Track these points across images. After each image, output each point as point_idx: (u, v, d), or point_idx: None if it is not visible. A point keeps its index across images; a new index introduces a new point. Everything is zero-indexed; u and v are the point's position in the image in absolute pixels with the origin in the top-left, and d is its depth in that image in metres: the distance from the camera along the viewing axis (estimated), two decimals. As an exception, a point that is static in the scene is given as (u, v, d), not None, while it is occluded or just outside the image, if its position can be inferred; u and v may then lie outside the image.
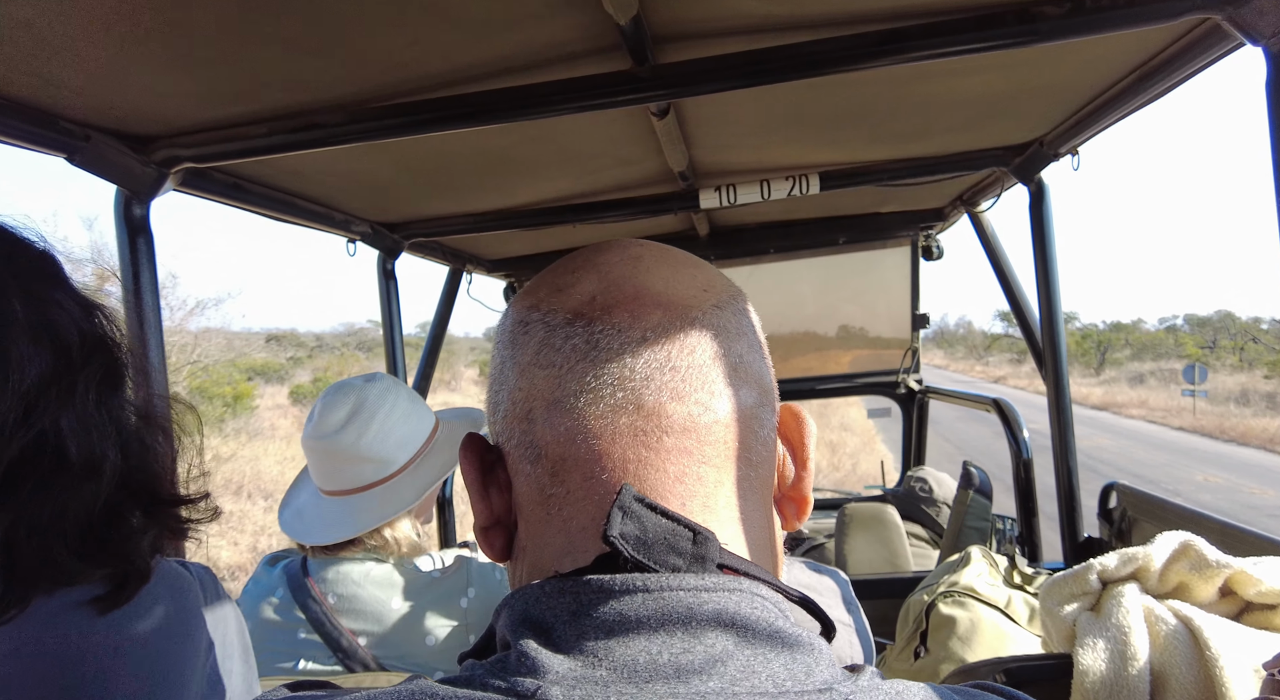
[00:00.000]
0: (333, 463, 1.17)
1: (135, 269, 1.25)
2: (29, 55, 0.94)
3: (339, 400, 1.18)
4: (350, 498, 1.18)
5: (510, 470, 0.42)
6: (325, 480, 1.19)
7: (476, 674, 0.35)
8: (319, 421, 1.17)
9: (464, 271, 2.60)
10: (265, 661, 1.13)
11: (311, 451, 1.19)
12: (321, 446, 1.16)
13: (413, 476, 1.24)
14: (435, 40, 1.02)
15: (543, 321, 0.41)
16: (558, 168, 1.73)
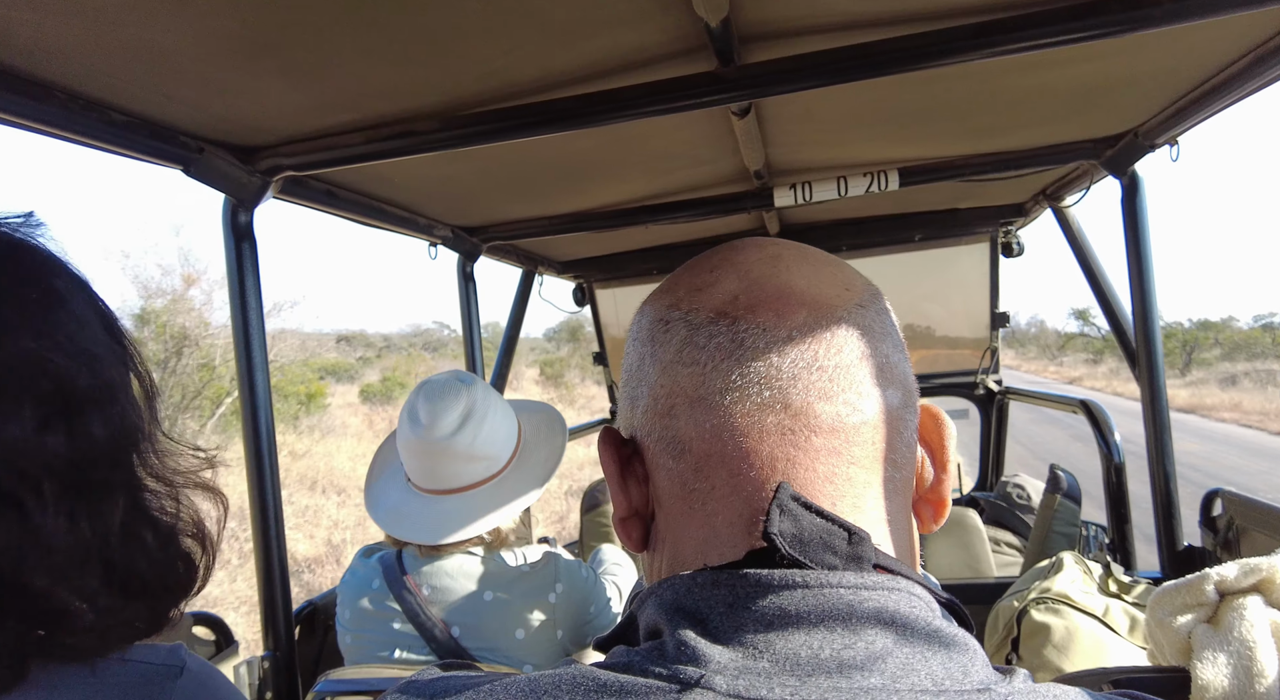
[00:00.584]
0: (444, 463, 1.19)
1: (240, 272, 1.32)
2: (156, 74, 1.00)
3: (449, 403, 1.20)
4: (463, 495, 1.21)
5: (649, 464, 0.44)
6: (430, 480, 1.20)
7: (634, 660, 0.36)
8: (432, 424, 1.18)
9: (536, 273, 2.65)
10: (364, 650, 1.18)
11: (420, 453, 1.20)
12: (437, 448, 1.18)
13: (518, 471, 1.28)
14: (527, 47, 1.04)
15: (684, 320, 0.42)
16: (633, 169, 1.75)
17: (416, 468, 1.21)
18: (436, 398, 1.19)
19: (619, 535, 0.46)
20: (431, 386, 1.22)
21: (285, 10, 0.88)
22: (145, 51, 0.94)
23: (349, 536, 7.41)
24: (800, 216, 2.50)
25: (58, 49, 0.90)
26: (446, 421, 1.17)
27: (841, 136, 1.64)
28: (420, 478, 1.21)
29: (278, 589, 1.33)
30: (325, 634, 1.57)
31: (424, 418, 1.18)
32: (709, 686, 0.33)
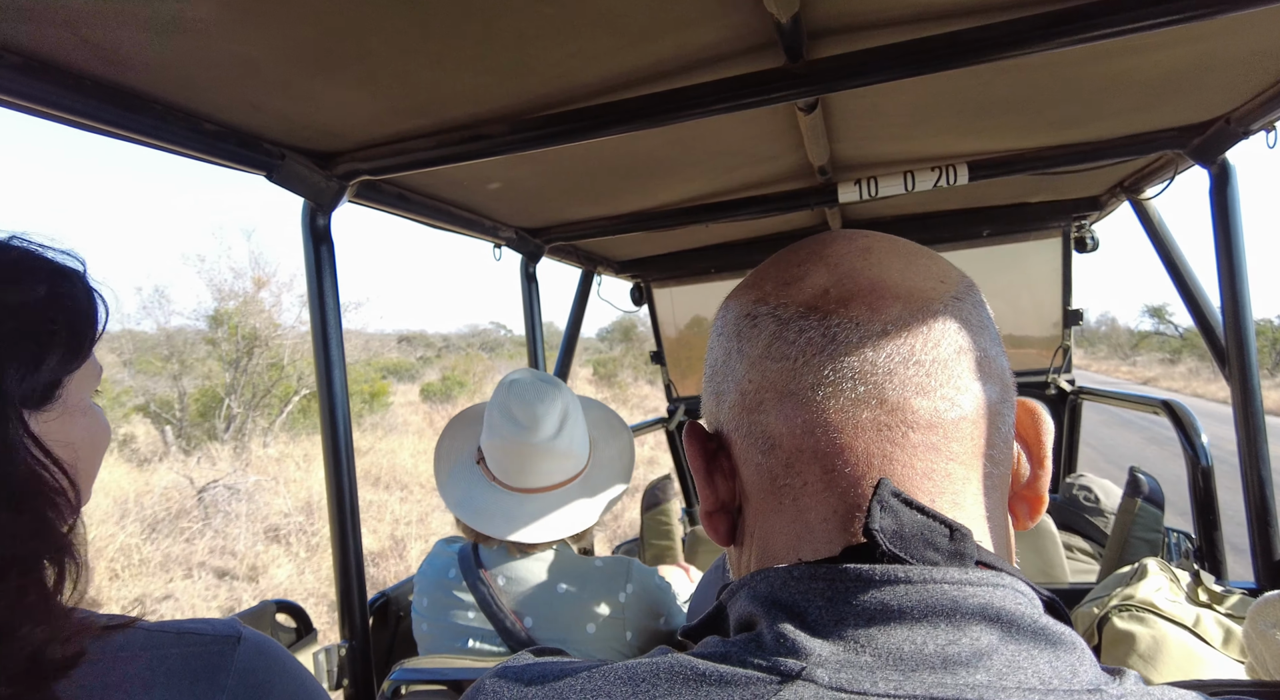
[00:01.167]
0: (540, 462, 1.21)
1: (319, 274, 1.37)
2: (245, 85, 1.05)
3: (548, 405, 1.21)
4: (555, 493, 1.23)
5: (736, 459, 0.44)
6: (522, 478, 1.21)
7: (731, 651, 0.36)
8: (535, 426, 1.20)
9: (595, 273, 2.67)
10: (439, 638, 1.21)
11: (516, 453, 1.21)
12: (541, 449, 1.19)
13: (597, 467, 1.30)
14: (595, 49, 1.06)
15: (773, 315, 0.42)
16: (695, 168, 1.75)
17: (510, 467, 1.21)
18: (535, 399, 1.21)
19: (705, 529, 0.46)
20: (522, 388, 1.23)
21: (365, 20, 0.92)
22: (236, 64, 0.99)
23: (411, 531, 7.61)
24: (863, 213, 2.46)
25: (158, 64, 0.96)
26: (550, 423, 1.20)
27: (909, 130, 1.61)
28: (510, 476, 1.22)
29: (354, 580, 1.37)
30: (397, 624, 1.62)
31: (525, 419, 1.20)
32: (810, 679, 0.33)
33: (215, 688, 0.53)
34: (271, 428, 12.19)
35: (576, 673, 0.40)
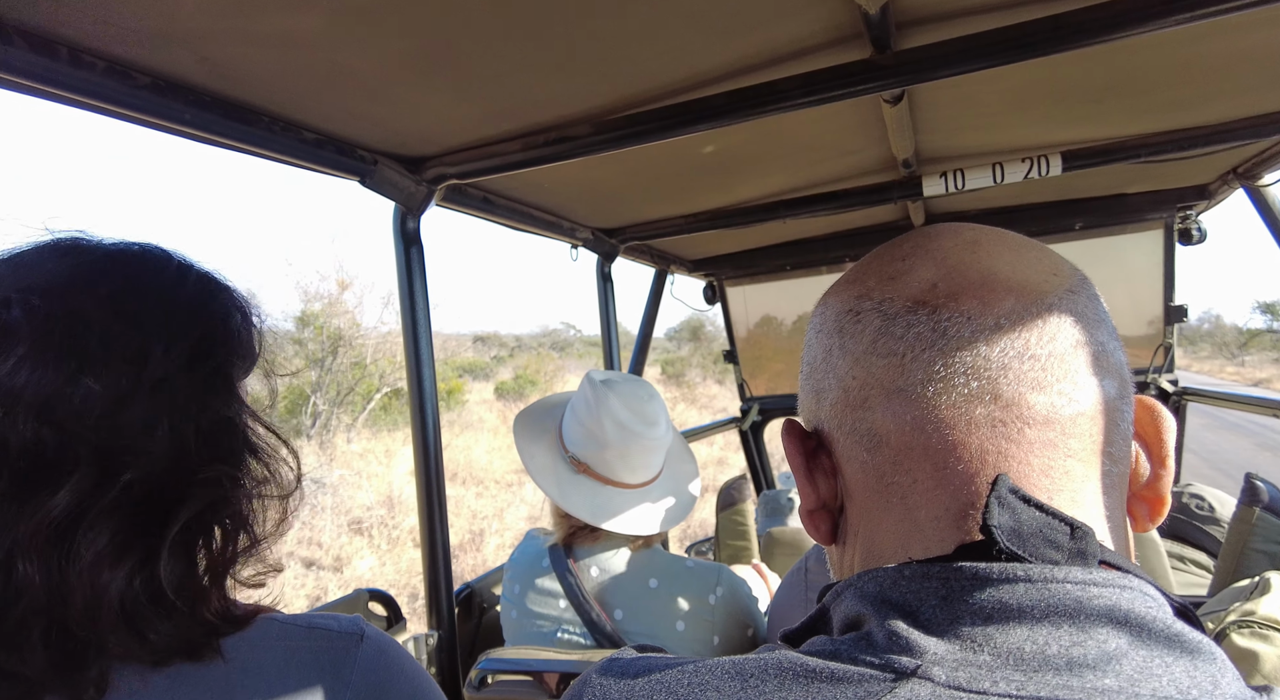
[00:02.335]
0: (646, 457, 1.24)
1: (409, 275, 1.42)
2: (343, 94, 1.10)
3: (652, 400, 1.25)
4: (650, 486, 1.25)
5: (839, 457, 0.43)
6: (632, 474, 1.23)
7: (841, 648, 0.36)
8: (645, 423, 1.22)
9: (668, 272, 2.68)
10: (528, 627, 1.24)
11: (629, 451, 1.22)
12: (654, 445, 1.23)
13: (674, 460, 1.31)
14: (680, 46, 1.06)
15: (878, 310, 0.41)
16: (774, 163, 1.73)
17: (617, 464, 1.22)
18: (645, 398, 1.24)
19: (806, 528, 0.46)
20: (624, 386, 1.25)
21: (460, 28, 0.94)
22: (337, 74, 1.04)
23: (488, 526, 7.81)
24: (947, 206, 2.38)
25: (267, 77, 1.01)
26: (663, 420, 1.23)
27: (999, 120, 1.55)
28: (615, 472, 1.23)
29: (441, 572, 1.42)
30: (481, 615, 1.66)
31: (637, 418, 1.22)
32: (926, 677, 0.32)
33: (341, 682, 0.55)
34: (354, 424, 12.71)
35: (682, 666, 0.40)
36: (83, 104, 0.93)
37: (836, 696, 0.34)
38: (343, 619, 0.60)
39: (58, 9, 0.81)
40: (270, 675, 0.53)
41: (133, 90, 0.94)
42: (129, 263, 0.58)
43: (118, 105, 0.94)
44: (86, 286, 0.53)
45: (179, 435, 0.54)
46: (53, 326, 0.50)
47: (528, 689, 1.12)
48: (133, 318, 0.54)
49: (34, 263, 0.54)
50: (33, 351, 0.49)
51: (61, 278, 0.53)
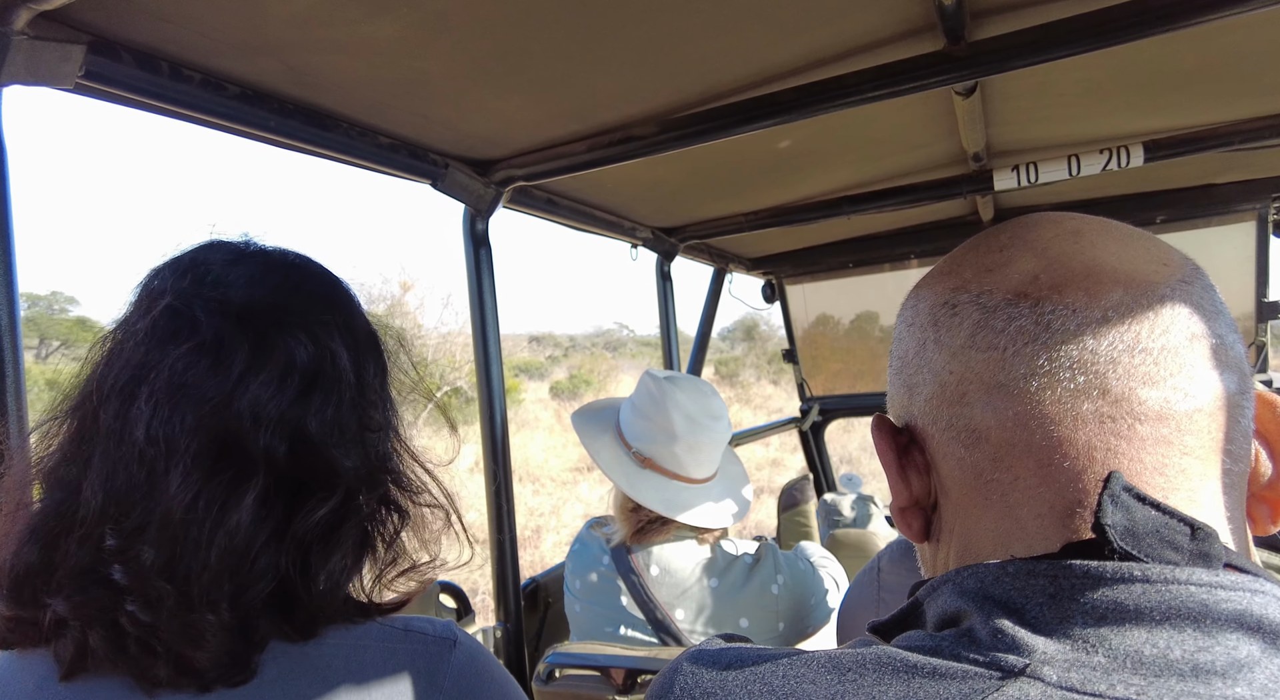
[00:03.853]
0: (709, 452, 1.25)
1: (478, 275, 1.46)
2: (417, 99, 1.13)
3: (713, 397, 1.27)
4: (711, 482, 1.27)
5: (933, 453, 0.42)
6: (699, 469, 1.25)
7: (940, 644, 0.35)
8: (711, 417, 1.24)
9: (726, 271, 2.66)
10: (592, 622, 1.26)
11: (694, 446, 1.25)
12: (718, 439, 1.25)
13: (728, 458, 1.31)
14: (748, 43, 1.05)
15: (976, 303, 0.40)
16: (839, 158, 1.70)
17: (686, 458, 1.24)
18: (709, 393, 1.26)
19: (897, 525, 0.45)
20: (686, 382, 1.26)
21: (528, 30, 0.96)
22: (412, 80, 1.07)
23: (545, 523, 7.90)
24: (1017, 200, 2.31)
25: (347, 85, 1.05)
26: (726, 416, 1.25)
27: (1075, 110, 1.49)
28: (683, 466, 1.24)
29: (508, 566, 1.45)
30: (546, 609, 1.69)
31: (703, 412, 1.24)
32: (1036, 676, 0.32)
33: (434, 687, 0.56)
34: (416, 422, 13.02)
35: (776, 659, 0.40)
36: (180, 115, 0.98)
37: (939, 692, 0.33)
38: (437, 623, 0.62)
39: (162, 26, 0.85)
40: (370, 674, 0.55)
41: (224, 100, 0.99)
42: (322, 285, 0.62)
43: (211, 115, 0.99)
44: (287, 300, 0.57)
45: (363, 443, 0.59)
46: (270, 343, 0.54)
47: (594, 684, 1.14)
48: (335, 329, 0.59)
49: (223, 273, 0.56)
50: (253, 368, 0.53)
51: (260, 291, 0.56)
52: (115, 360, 0.52)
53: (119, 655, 0.48)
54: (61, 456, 0.52)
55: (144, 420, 0.49)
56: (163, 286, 0.55)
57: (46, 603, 0.48)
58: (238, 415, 0.52)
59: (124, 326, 0.55)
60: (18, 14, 0.71)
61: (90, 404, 0.51)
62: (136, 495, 0.49)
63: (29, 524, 0.50)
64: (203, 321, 0.52)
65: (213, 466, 0.51)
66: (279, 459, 0.54)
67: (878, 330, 3.09)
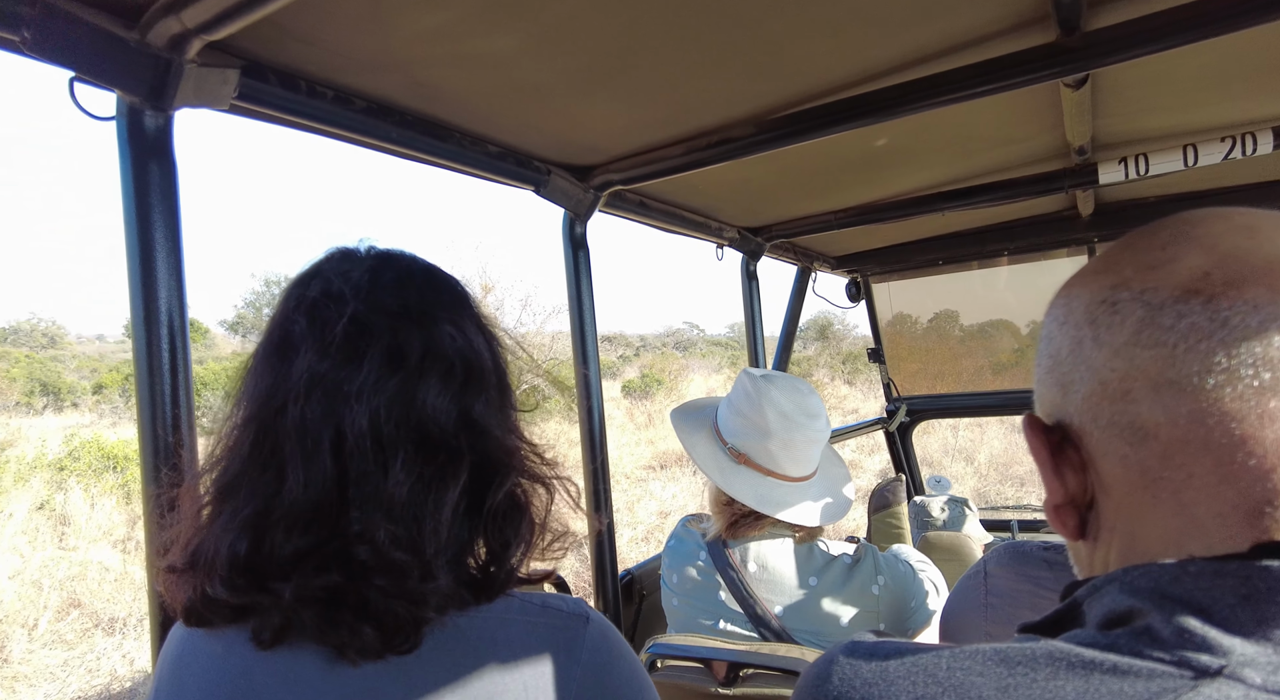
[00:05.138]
0: (808, 450, 1.26)
1: (577, 277, 1.50)
2: (526, 109, 1.18)
3: (810, 395, 1.28)
4: (808, 482, 1.27)
5: (1091, 450, 0.42)
6: (795, 467, 1.26)
7: (1117, 641, 0.35)
8: (807, 415, 1.25)
9: (811, 270, 2.64)
10: (690, 615, 1.28)
11: (792, 444, 1.26)
12: (816, 438, 1.26)
13: (826, 463, 1.31)
14: (851, 42, 1.06)
15: (1140, 300, 0.40)
16: (933, 155, 1.68)
17: (780, 455, 1.25)
18: (806, 391, 1.27)
19: (1052, 523, 0.45)
20: (783, 380, 1.27)
21: (632, 38, 0.99)
22: (520, 90, 1.12)
23: (620, 519, 7.99)
24: (1120, 194, 2.21)
25: (463, 96, 1.11)
26: (824, 415, 1.25)
27: (1194, 98, 1.42)
28: (777, 463, 1.25)
29: (607, 558, 1.49)
30: (641, 601, 1.72)
31: (799, 409, 1.25)
32: (1237, 678, 0.31)
33: (572, 660, 0.59)
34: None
35: (937, 651, 0.40)
36: (314, 129, 1.06)
37: (1123, 690, 0.33)
38: (568, 600, 0.65)
39: (303, 48, 0.93)
40: (515, 647, 0.58)
41: (352, 114, 1.06)
42: (452, 283, 0.66)
43: (340, 128, 1.07)
44: (433, 300, 0.62)
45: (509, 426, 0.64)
46: (433, 341, 0.59)
47: (697, 675, 1.16)
48: (472, 324, 0.63)
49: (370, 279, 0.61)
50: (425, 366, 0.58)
51: (411, 295, 0.61)
52: (291, 369, 0.56)
53: (328, 628, 0.53)
54: (247, 459, 0.56)
55: (360, 421, 0.55)
56: (321, 296, 0.59)
57: (271, 587, 0.53)
58: (427, 409, 0.57)
59: (291, 338, 0.58)
60: (191, 44, 0.79)
61: (271, 410, 0.56)
62: (368, 487, 0.54)
63: (234, 520, 0.54)
64: (381, 328, 0.57)
65: (420, 456, 0.56)
66: (462, 445, 0.58)
67: (958, 330, 3.00)
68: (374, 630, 0.53)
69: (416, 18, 0.88)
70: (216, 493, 0.57)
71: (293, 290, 0.61)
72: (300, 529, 0.54)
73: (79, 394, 17.78)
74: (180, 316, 0.84)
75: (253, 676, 0.55)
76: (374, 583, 0.53)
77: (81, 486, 7.10)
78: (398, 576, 0.54)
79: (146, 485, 0.81)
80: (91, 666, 4.33)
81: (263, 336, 0.61)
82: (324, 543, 0.54)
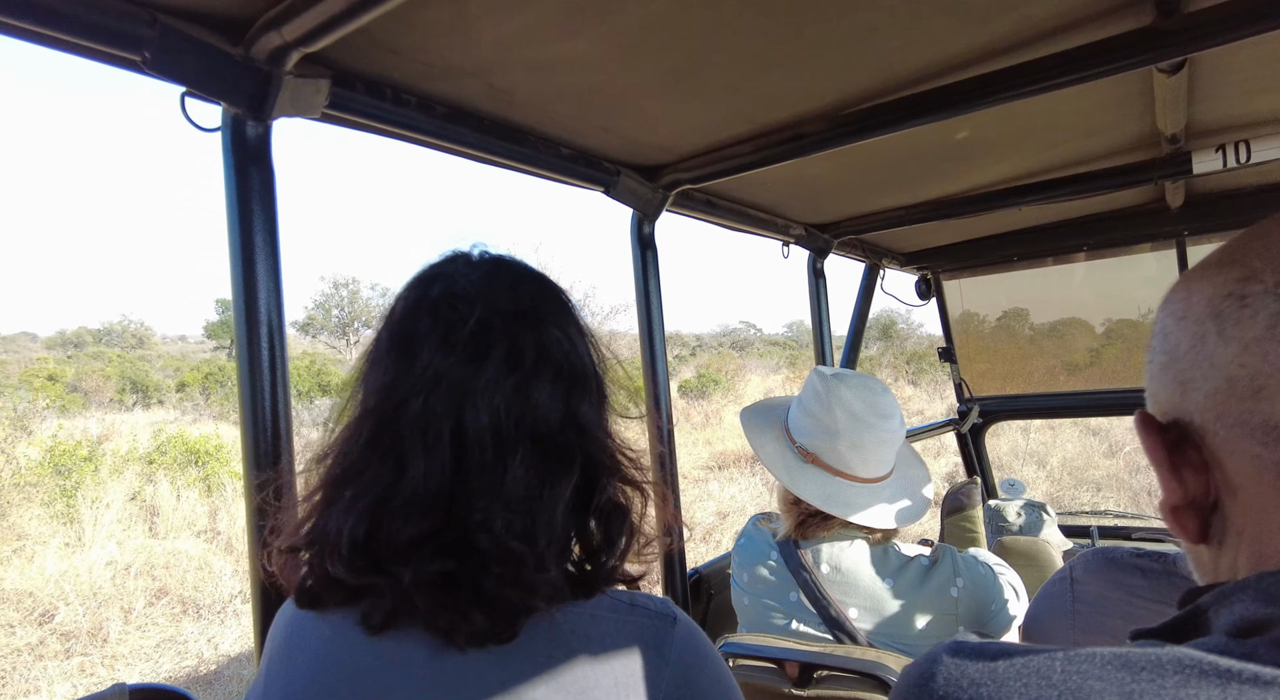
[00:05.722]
0: (880, 451, 1.24)
1: (645, 276, 1.51)
2: (598, 112, 1.19)
3: (882, 395, 1.25)
4: (884, 483, 1.25)
5: (1214, 450, 0.41)
6: (864, 468, 1.25)
7: (1258, 650, 0.34)
8: (878, 415, 1.23)
9: (879, 267, 2.59)
10: (761, 614, 1.27)
11: (862, 445, 1.24)
12: (871, 438, 1.23)
13: (904, 465, 1.29)
14: (928, 34, 1.03)
15: (1273, 294, 0.39)
16: (1011, 147, 1.62)
17: (849, 455, 1.24)
18: (878, 391, 1.24)
19: (1169, 525, 0.44)
20: (854, 379, 1.25)
21: (711, 39, 1.00)
22: (595, 93, 1.13)
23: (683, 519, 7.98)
24: (1215, 184, 2.09)
25: (539, 101, 1.13)
26: (897, 415, 1.23)
27: (1300, 80, 1.34)
28: (847, 463, 1.24)
29: (676, 557, 1.49)
30: (710, 600, 1.72)
31: (869, 409, 1.23)
32: None
33: (661, 659, 0.60)
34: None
35: (1050, 652, 0.39)
36: (397, 135, 1.10)
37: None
38: (655, 599, 0.65)
39: (390, 57, 0.96)
40: (606, 642, 0.60)
41: (433, 120, 1.09)
42: (557, 289, 0.69)
43: (422, 133, 1.10)
44: (541, 305, 0.65)
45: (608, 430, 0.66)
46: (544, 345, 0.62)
47: (769, 675, 1.15)
48: (575, 328, 0.66)
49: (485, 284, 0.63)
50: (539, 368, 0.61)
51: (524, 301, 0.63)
52: (414, 365, 0.59)
53: (440, 612, 0.55)
54: (368, 448, 0.59)
55: (481, 416, 0.57)
56: (444, 296, 0.62)
57: (389, 570, 0.56)
58: (540, 409, 0.60)
59: (415, 336, 0.60)
60: (290, 57, 0.83)
61: (393, 403, 0.59)
62: (488, 479, 0.57)
63: (355, 505, 0.57)
64: (501, 329, 0.60)
65: (535, 452, 0.59)
66: (571, 445, 0.61)
67: (1027, 328, 2.89)
68: (484, 616, 0.55)
69: (497, 24, 0.90)
70: (335, 479, 0.60)
71: (413, 290, 0.64)
72: (418, 516, 0.56)
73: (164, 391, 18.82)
74: (278, 316, 0.88)
75: (359, 659, 0.57)
76: (491, 569, 0.55)
77: (168, 479, 7.50)
78: (514, 565, 0.56)
79: (249, 476, 0.85)
80: (180, 649, 4.57)
81: (382, 333, 0.63)
82: (441, 530, 0.56)
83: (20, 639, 4.56)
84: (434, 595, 0.55)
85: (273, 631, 0.65)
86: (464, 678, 0.56)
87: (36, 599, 5.02)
